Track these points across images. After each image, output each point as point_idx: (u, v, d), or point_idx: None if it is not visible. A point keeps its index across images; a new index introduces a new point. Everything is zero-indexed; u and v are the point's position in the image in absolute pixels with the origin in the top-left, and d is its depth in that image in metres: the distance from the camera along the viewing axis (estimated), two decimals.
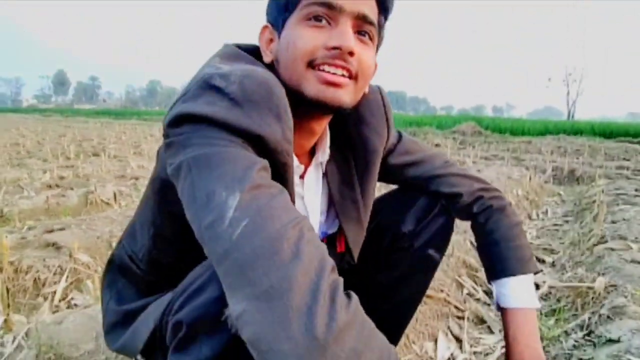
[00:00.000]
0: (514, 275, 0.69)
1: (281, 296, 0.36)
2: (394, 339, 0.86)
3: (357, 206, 0.67)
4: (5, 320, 1.07)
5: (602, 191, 3.00)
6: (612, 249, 1.67)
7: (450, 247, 1.64)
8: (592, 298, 1.30)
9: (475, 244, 0.76)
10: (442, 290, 1.38)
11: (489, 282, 0.73)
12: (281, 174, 0.49)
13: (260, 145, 0.46)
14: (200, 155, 0.43)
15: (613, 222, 2.13)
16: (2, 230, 1.70)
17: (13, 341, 0.92)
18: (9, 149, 5.42)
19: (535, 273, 0.72)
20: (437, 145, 7.96)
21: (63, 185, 2.90)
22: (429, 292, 1.32)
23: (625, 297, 1.21)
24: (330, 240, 0.71)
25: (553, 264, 1.86)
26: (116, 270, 0.66)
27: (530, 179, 3.65)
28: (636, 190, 3.16)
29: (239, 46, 0.57)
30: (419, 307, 1.24)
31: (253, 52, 0.56)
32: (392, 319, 0.81)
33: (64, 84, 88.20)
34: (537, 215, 2.87)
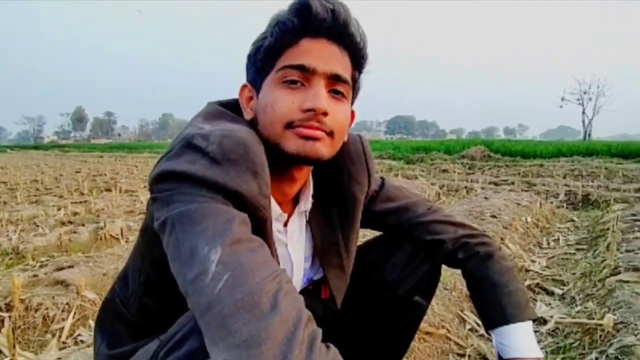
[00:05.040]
0: (510, 322, 0.67)
1: (259, 345, 0.37)
2: None
3: (340, 253, 0.68)
4: None
5: (617, 217, 2.80)
6: (625, 282, 1.59)
7: (452, 281, 1.63)
8: (600, 336, 1.24)
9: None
10: (442, 326, 1.36)
11: (487, 332, 0.71)
12: (259, 227, 0.51)
13: (238, 201, 0.48)
14: (183, 211, 0.46)
15: (628, 251, 2.01)
16: (15, 269, 1.77)
17: None
18: (28, 186, 5.63)
19: (534, 320, 0.68)
20: (444, 170, 7.80)
21: (76, 221, 2.99)
22: (428, 328, 1.31)
23: (635, 335, 1.15)
24: (315, 286, 0.72)
25: (563, 297, 1.78)
26: (109, 313, 0.67)
27: (540, 204, 3.48)
28: None
29: (222, 104, 0.60)
30: (418, 345, 1.23)
31: (236, 108, 0.60)
32: None
33: (82, 120, 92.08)
34: (548, 243, 2.71)
